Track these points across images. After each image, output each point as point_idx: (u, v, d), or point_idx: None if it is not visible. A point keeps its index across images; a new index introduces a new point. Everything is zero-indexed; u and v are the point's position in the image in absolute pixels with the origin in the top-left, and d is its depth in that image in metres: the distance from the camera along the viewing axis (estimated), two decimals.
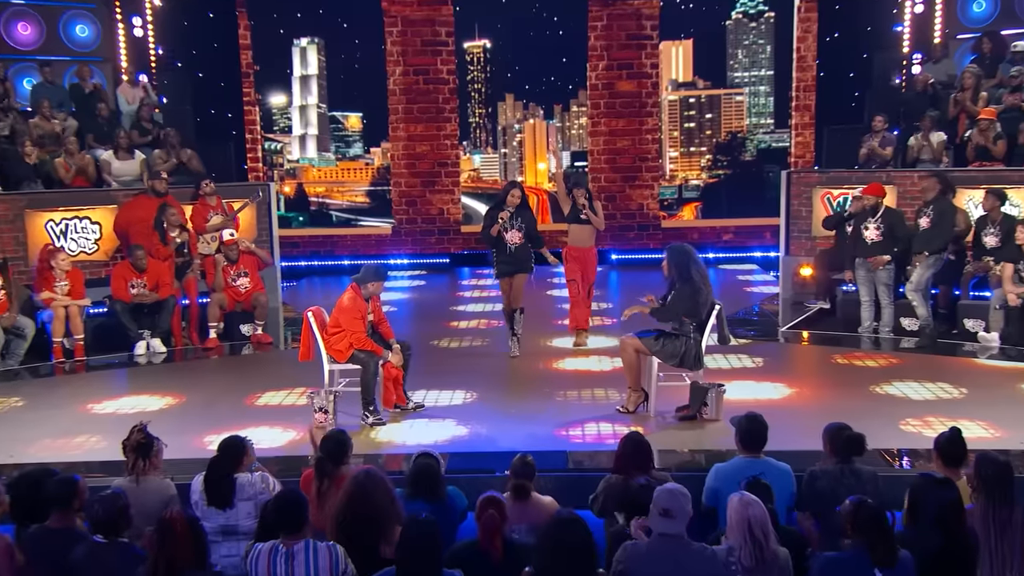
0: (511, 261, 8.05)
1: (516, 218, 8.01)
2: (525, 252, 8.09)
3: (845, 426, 4.57)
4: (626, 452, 4.41)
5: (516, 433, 6.20)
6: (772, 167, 15.23)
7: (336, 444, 4.52)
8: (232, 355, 9.03)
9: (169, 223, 9.25)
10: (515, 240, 8.00)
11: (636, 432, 4.58)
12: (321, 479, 4.40)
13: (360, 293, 6.46)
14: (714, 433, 6.09)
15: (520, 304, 8.20)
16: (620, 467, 4.40)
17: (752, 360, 8.10)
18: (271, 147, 24.20)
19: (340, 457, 4.50)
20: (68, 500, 3.98)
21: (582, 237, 8.32)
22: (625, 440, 4.46)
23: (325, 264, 14.17)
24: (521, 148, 46.92)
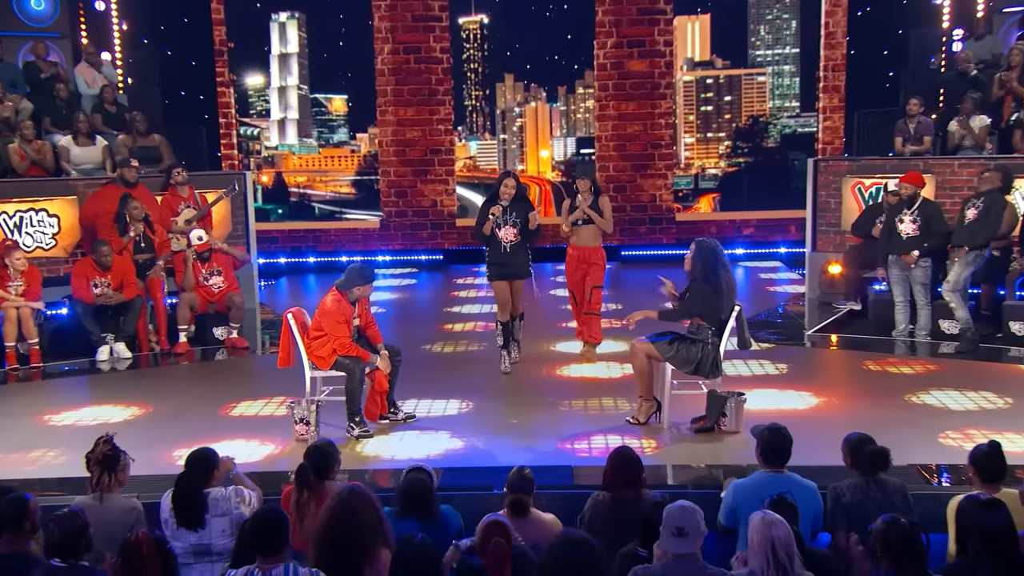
0: (505, 262, 7.78)
1: (511, 213, 7.73)
2: (522, 252, 7.80)
3: (867, 439, 4.57)
4: (614, 467, 4.42)
5: (516, 446, 6.21)
6: (797, 154, 15.21)
7: (322, 455, 4.53)
8: (204, 361, 9.03)
9: (131, 217, 9.20)
10: (510, 238, 7.74)
11: (624, 446, 4.59)
12: (301, 490, 4.39)
13: (347, 296, 6.46)
14: (733, 446, 6.09)
15: (519, 310, 8.05)
16: (608, 484, 4.41)
17: (775, 366, 8.10)
18: (247, 132, 24.24)
19: (325, 470, 4.50)
20: (17, 521, 3.96)
21: (585, 236, 7.99)
22: (613, 455, 4.47)
23: (307, 261, 14.18)
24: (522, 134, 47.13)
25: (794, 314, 10.41)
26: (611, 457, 4.46)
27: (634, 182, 14.23)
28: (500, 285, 7.89)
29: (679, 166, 16.13)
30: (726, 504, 4.47)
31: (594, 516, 4.36)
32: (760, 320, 9.96)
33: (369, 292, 6.60)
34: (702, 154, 21.58)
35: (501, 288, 7.89)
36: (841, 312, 10.01)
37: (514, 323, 8.04)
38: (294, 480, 4.43)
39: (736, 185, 16.64)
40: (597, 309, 8.16)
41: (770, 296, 11.44)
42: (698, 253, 6.37)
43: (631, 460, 4.43)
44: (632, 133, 14.14)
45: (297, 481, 4.41)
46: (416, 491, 4.30)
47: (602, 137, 14.30)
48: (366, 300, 6.70)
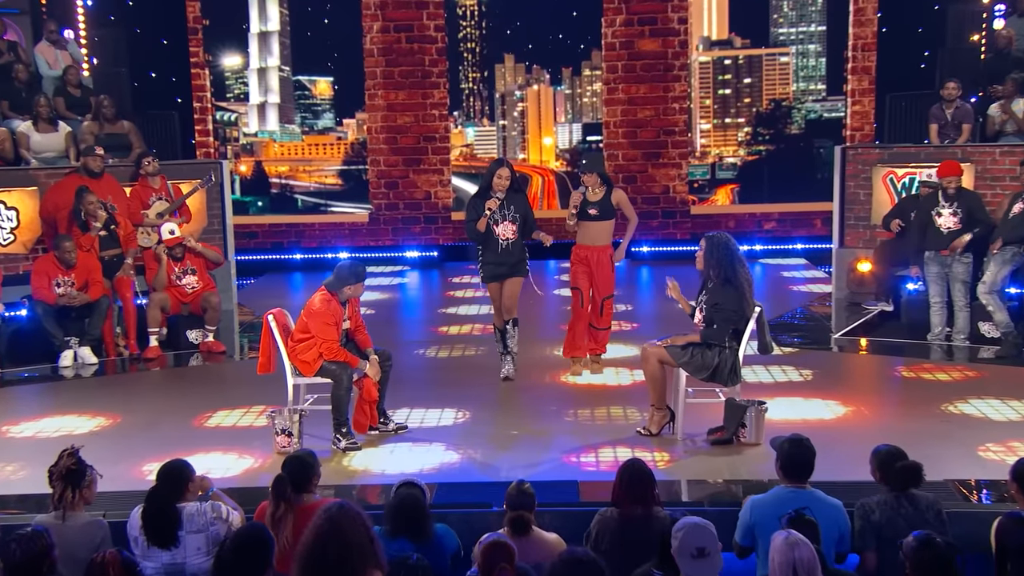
0: (502, 261, 7.59)
1: (507, 206, 7.56)
2: (520, 250, 7.65)
3: (897, 452, 4.57)
4: (624, 481, 4.42)
5: (517, 460, 6.21)
6: (823, 142, 15.21)
7: (301, 465, 4.53)
8: (177, 367, 9.04)
9: (87, 212, 9.17)
10: (507, 235, 7.56)
11: (636, 459, 4.59)
12: (277, 503, 4.39)
13: (336, 296, 6.46)
14: (754, 459, 6.09)
15: (514, 315, 7.79)
16: (617, 499, 4.41)
17: (799, 373, 8.11)
18: (224, 118, 24.26)
19: (304, 482, 4.50)
20: None
21: (593, 233, 7.75)
22: (623, 468, 4.47)
23: (289, 258, 14.19)
24: (523, 119, 47.06)
25: (820, 316, 10.41)
26: (621, 470, 4.47)
27: (645, 172, 14.24)
28: (495, 287, 7.75)
29: (694, 155, 16.16)
30: (743, 522, 4.48)
31: (601, 534, 4.36)
32: (783, 322, 9.96)
33: (361, 292, 6.61)
34: (719, 142, 21.57)
35: (496, 290, 7.76)
36: (871, 313, 10.01)
37: (507, 330, 7.80)
38: (270, 493, 4.43)
39: (756, 175, 16.61)
40: (608, 324, 8.00)
41: (793, 296, 11.44)
42: (711, 251, 6.34)
43: (642, 474, 4.43)
44: (643, 119, 14.15)
45: (273, 493, 4.41)
46: (408, 507, 4.31)
47: (610, 123, 14.30)
48: (357, 301, 6.70)
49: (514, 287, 7.74)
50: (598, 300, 7.82)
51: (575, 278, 7.84)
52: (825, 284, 11.84)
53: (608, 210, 7.75)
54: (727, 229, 13.94)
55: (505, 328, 7.82)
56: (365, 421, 6.53)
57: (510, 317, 7.78)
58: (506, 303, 7.73)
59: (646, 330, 9.40)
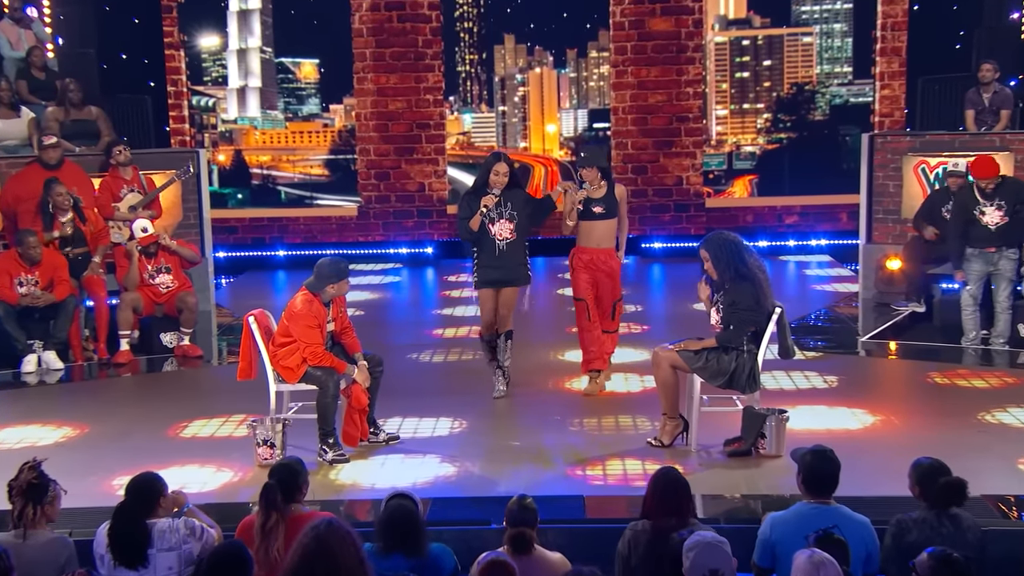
0: (498, 265, 7.40)
1: (505, 203, 7.38)
2: (518, 253, 7.44)
3: (939, 465, 4.56)
4: (657, 490, 4.41)
5: (518, 473, 6.21)
6: (850, 129, 15.17)
7: (290, 472, 4.53)
8: (150, 372, 9.04)
9: (56, 205, 9.15)
10: (505, 235, 7.38)
11: (670, 468, 4.58)
12: (268, 513, 4.38)
13: (319, 296, 6.46)
14: (774, 472, 6.09)
15: (508, 327, 7.61)
16: (650, 511, 4.41)
17: (823, 379, 8.11)
18: (201, 103, 24.26)
19: (294, 490, 4.51)
20: None
21: (598, 233, 7.54)
22: (657, 477, 4.47)
23: (272, 255, 14.19)
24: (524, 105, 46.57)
25: (846, 317, 10.41)
26: (654, 479, 4.47)
27: (657, 162, 14.24)
28: (487, 294, 7.55)
29: (709, 143, 16.14)
30: (762, 540, 4.47)
31: (632, 548, 4.35)
32: (805, 324, 9.96)
33: (345, 290, 6.61)
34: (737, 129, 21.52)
35: (488, 297, 7.56)
36: (901, 315, 10.01)
37: (499, 342, 7.62)
38: (259, 502, 4.43)
39: (777, 165, 16.69)
40: (617, 324, 7.93)
41: (817, 296, 11.44)
42: (716, 253, 6.31)
43: (678, 483, 4.43)
44: (654, 104, 14.15)
45: (263, 502, 4.41)
46: (401, 520, 4.28)
47: (619, 109, 14.30)
48: (342, 301, 6.70)
49: (510, 298, 7.56)
50: (607, 305, 7.72)
51: (578, 287, 7.61)
52: (851, 283, 11.84)
53: (612, 207, 7.57)
54: (745, 224, 13.98)
55: (495, 341, 7.63)
56: (354, 432, 6.52)
57: (503, 329, 7.62)
58: (501, 313, 7.54)
59: (657, 333, 9.40)
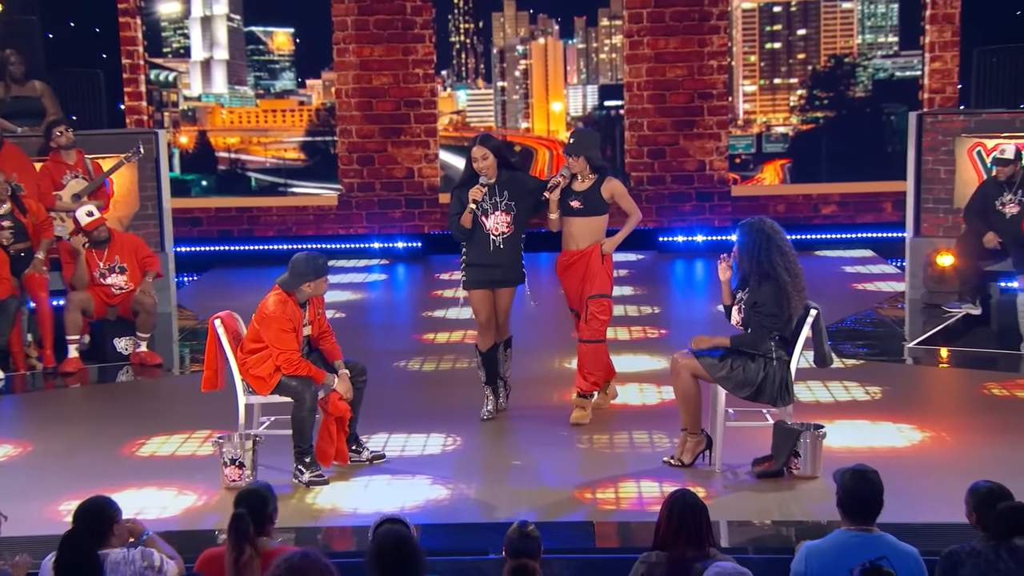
0: (493, 263, 7.29)
1: (500, 192, 7.26)
2: (515, 250, 7.33)
3: (999, 490, 4.55)
4: (672, 516, 4.41)
5: (519, 496, 6.21)
6: (896, 107, 15.13)
7: (260, 500, 4.52)
8: (102, 383, 9.04)
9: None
10: (500, 228, 7.27)
11: (686, 491, 4.57)
12: (241, 547, 4.36)
13: (294, 297, 6.46)
14: (809, 496, 6.09)
15: (507, 335, 7.53)
16: (664, 540, 4.40)
17: (865, 390, 8.11)
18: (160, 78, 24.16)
19: (262, 521, 4.49)
20: None
21: (576, 233, 7.35)
22: (671, 502, 4.46)
23: (241, 249, 14.17)
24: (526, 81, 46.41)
25: (890, 320, 10.41)
26: (668, 504, 4.45)
27: (676, 145, 14.23)
28: (480, 296, 7.44)
29: (736, 123, 16.21)
30: (796, 573, 4.47)
31: None
32: (844, 328, 9.95)
33: (324, 290, 6.60)
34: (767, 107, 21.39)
35: (481, 300, 7.45)
36: (954, 317, 10.00)
37: (498, 353, 7.53)
38: (229, 535, 4.41)
39: (812, 148, 16.63)
40: (599, 333, 7.37)
41: (858, 296, 11.43)
42: (745, 238, 6.34)
43: (695, 508, 4.42)
44: (674, 79, 14.14)
45: (234, 535, 4.38)
46: (393, 548, 4.20)
47: (634, 85, 14.29)
48: (320, 301, 6.70)
49: (507, 300, 7.46)
50: (583, 300, 7.35)
51: (567, 297, 7.58)
52: (897, 281, 11.82)
53: (595, 203, 7.32)
54: (776, 215, 13.94)
55: (495, 353, 7.52)
56: (328, 448, 6.50)
57: (502, 338, 7.53)
58: (499, 320, 7.46)
59: (676, 338, 9.39)
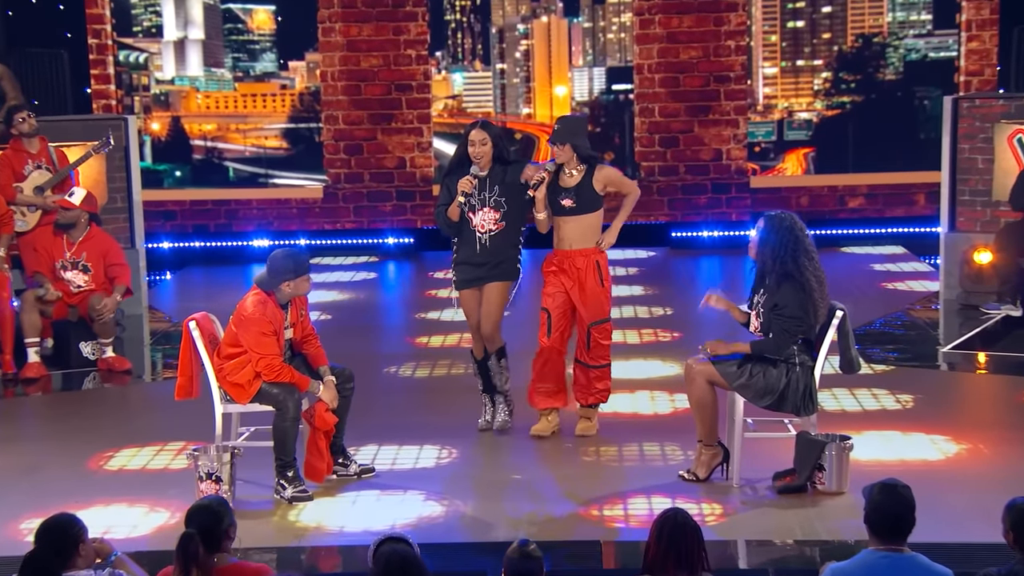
0: (480, 262, 7.28)
1: (491, 186, 7.23)
2: (507, 246, 7.30)
3: None
4: (660, 539, 4.41)
5: (520, 513, 6.22)
6: (929, 91, 15.06)
7: (211, 517, 4.52)
8: (67, 391, 9.06)
9: None
10: (488, 225, 7.25)
11: (677, 509, 4.57)
12: (187, 569, 4.37)
13: (274, 297, 6.46)
14: (835, 513, 6.09)
15: (499, 342, 7.41)
16: (653, 564, 4.40)
17: (896, 398, 8.11)
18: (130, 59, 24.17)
19: (217, 538, 4.49)
20: None
21: (569, 233, 7.24)
22: (661, 522, 4.46)
23: (218, 246, 14.19)
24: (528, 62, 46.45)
25: (923, 322, 10.41)
26: (658, 524, 4.46)
27: (690, 132, 14.23)
28: (470, 297, 7.41)
29: (755, 109, 16.26)
30: None
31: None
32: (873, 331, 9.95)
33: (306, 289, 6.59)
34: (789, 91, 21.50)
35: (471, 302, 7.42)
36: (993, 319, 10.01)
37: (490, 363, 7.45)
38: (176, 556, 4.41)
39: (839, 136, 16.58)
40: (602, 359, 7.36)
41: (888, 297, 11.44)
42: (768, 235, 6.34)
43: (687, 528, 4.43)
44: (688, 61, 14.14)
45: (180, 556, 4.38)
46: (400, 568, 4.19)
47: (644, 67, 14.29)
48: (303, 302, 6.70)
49: (494, 299, 7.34)
50: (583, 327, 7.29)
51: (543, 295, 7.36)
52: (930, 280, 11.83)
53: (589, 199, 7.24)
54: (799, 208, 13.96)
55: (487, 362, 7.47)
56: (320, 464, 6.50)
57: (493, 346, 7.43)
58: (484, 328, 7.34)
59: (690, 341, 9.39)
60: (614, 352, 7.61)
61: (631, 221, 7.54)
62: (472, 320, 7.47)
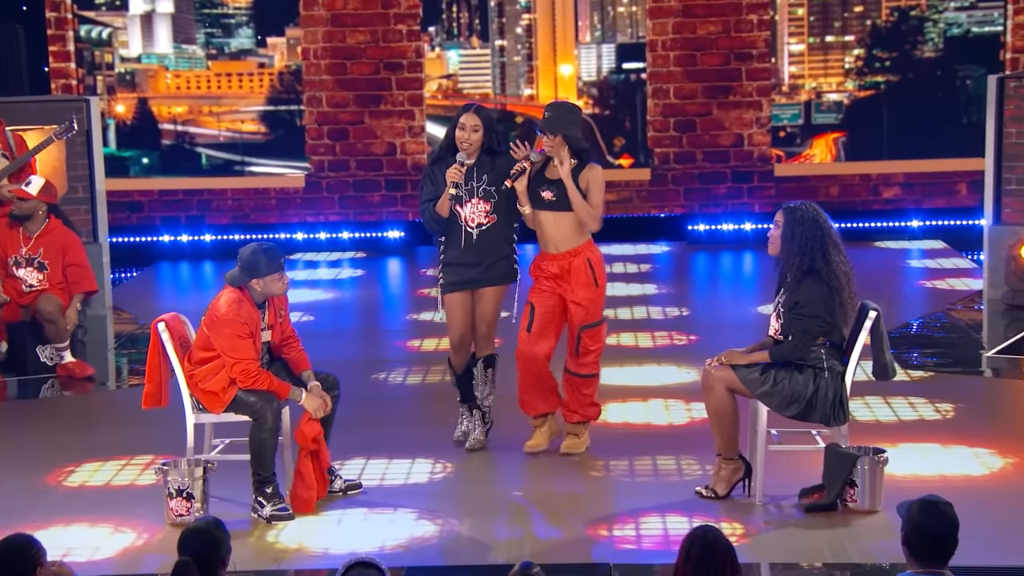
0: (470, 261, 7.22)
1: (478, 176, 7.21)
2: (499, 243, 7.26)
3: None
4: (690, 560, 4.41)
5: (520, 532, 6.22)
6: (972, 69, 15.02)
7: (209, 542, 4.52)
8: (23, 399, 9.07)
9: None
10: (478, 219, 7.22)
11: (708, 527, 4.57)
12: None
13: (249, 295, 6.46)
14: (868, 533, 6.08)
15: (490, 350, 7.39)
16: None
17: (935, 407, 8.11)
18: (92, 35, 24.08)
19: (212, 566, 4.50)
20: None
21: (551, 232, 7.17)
22: (691, 540, 4.46)
23: (190, 240, 14.19)
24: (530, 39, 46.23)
25: (965, 324, 10.41)
26: (687, 543, 4.45)
27: (708, 115, 14.23)
28: (457, 302, 7.35)
29: (780, 90, 16.24)
30: None
31: None
32: (910, 334, 9.97)
33: (280, 289, 6.55)
34: (817, 70, 21.43)
35: (458, 308, 7.36)
36: None
37: (476, 373, 7.39)
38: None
39: (872, 119, 16.53)
40: (591, 367, 7.31)
41: (927, 296, 11.46)
42: (792, 229, 6.33)
43: (719, 548, 4.42)
44: (705, 37, 14.14)
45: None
46: None
47: (658, 44, 14.29)
48: (283, 302, 6.69)
49: (491, 304, 7.33)
50: (574, 331, 7.23)
51: (531, 291, 7.29)
52: (973, 278, 11.83)
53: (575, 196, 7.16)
54: (828, 198, 13.96)
55: (471, 370, 7.40)
56: (308, 494, 6.44)
57: (481, 353, 7.39)
58: (480, 329, 7.33)
59: (708, 345, 9.39)
60: (624, 357, 7.62)
61: (642, 213, 7.51)
62: (455, 331, 7.37)
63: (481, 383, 7.37)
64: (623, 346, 9.63)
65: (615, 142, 15.64)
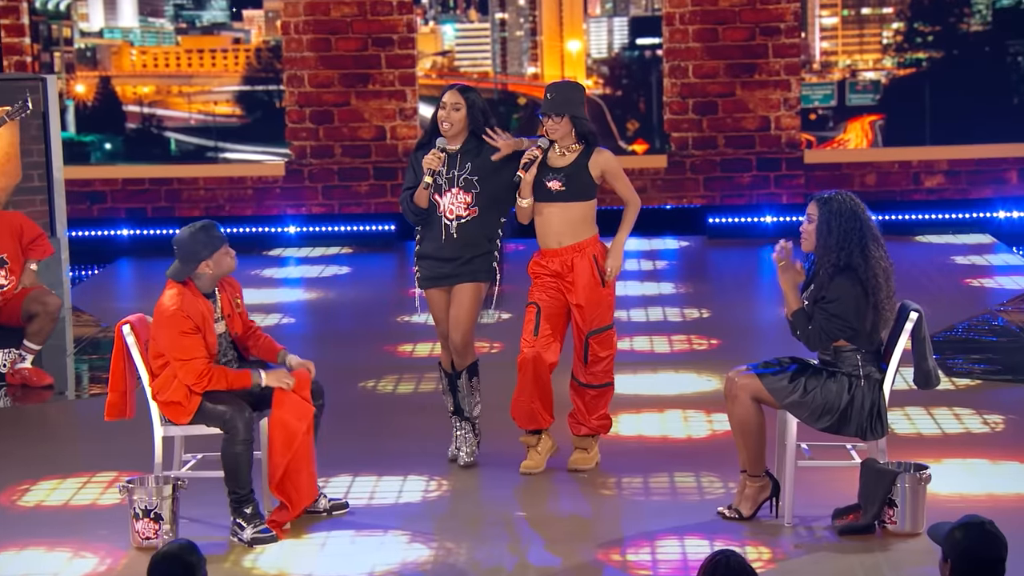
0: (447, 256, 7.29)
1: (460, 164, 7.26)
2: (478, 238, 7.31)
3: None
4: None
5: (525, 557, 6.23)
6: (1022, 45, 15.00)
7: (182, 568, 4.54)
8: None
9: None
10: (457, 212, 7.27)
11: (730, 552, 4.59)
12: None
13: (194, 286, 6.46)
14: (909, 558, 6.10)
15: (470, 359, 7.43)
16: None
17: (983, 419, 8.11)
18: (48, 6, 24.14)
19: None
20: None
21: (556, 226, 7.25)
22: (710, 565, 4.47)
23: (156, 233, 14.19)
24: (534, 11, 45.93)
25: (1016, 327, 10.42)
26: (707, 569, 4.48)
27: (732, 96, 14.24)
28: (436, 298, 7.44)
29: (810, 67, 16.18)
30: None
31: None
32: (954, 338, 9.97)
33: (230, 265, 6.52)
34: (852, 46, 21.32)
35: (438, 303, 7.44)
36: None
37: (460, 382, 7.44)
38: None
39: (912, 101, 16.51)
40: (603, 376, 7.39)
41: (973, 296, 11.47)
42: (827, 221, 6.34)
43: (740, 571, 4.45)
44: (728, 9, 14.16)
45: None
46: None
47: (675, 17, 14.31)
48: (236, 288, 6.71)
49: (465, 304, 7.34)
50: (580, 338, 7.30)
51: (531, 290, 7.37)
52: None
53: (582, 185, 7.23)
54: (864, 188, 13.98)
55: (455, 376, 7.47)
56: (296, 501, 6.49)
57: (463, 362, 7.41)
58: (452, 339, 7.35)
59: (731, 350, 9.41)
60: (638, 363, 7.61)
61: (658, 204, 7.53)
62: (442, 326, 7.46)
63: (466, 395, 7.41)
64: (637, 351, 9.64)
65: (628, 126, 15.67)
